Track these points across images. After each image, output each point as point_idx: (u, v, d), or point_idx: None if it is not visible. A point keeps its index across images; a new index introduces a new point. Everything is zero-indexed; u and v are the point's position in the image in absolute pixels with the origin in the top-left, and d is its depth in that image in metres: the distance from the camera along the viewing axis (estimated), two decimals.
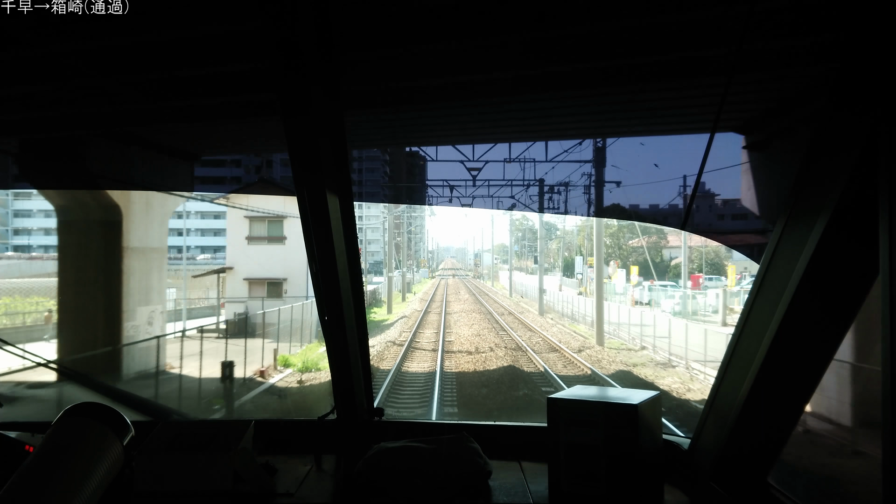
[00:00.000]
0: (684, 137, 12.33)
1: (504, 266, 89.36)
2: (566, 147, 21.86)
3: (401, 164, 25.45)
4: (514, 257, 72.92)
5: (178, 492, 2.08)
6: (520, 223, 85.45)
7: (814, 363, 1.76)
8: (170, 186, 13.58)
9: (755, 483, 2.01)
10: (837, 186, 1.47)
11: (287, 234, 27.67)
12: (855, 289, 1.59)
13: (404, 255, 56.45)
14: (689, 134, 9.46)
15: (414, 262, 79.16)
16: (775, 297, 1.72)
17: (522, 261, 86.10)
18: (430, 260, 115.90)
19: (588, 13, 4.26)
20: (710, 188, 28.11)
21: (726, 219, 28.11)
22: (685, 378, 17.38)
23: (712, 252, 49.49)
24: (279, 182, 29.56)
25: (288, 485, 2.17)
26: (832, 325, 1.68)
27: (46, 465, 1.62)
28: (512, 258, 69.83)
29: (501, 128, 11.29)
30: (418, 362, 20.22)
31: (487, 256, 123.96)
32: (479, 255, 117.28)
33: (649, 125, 9.62)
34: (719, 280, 39.74)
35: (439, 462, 2.26)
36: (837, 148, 1.46)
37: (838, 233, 1.51)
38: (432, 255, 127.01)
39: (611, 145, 21.79)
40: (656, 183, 47.14)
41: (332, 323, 2.43)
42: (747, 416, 1.93)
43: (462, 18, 4.07)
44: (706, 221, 27.21)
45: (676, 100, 6.95)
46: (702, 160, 2.03)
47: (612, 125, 10.79)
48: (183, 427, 2.31)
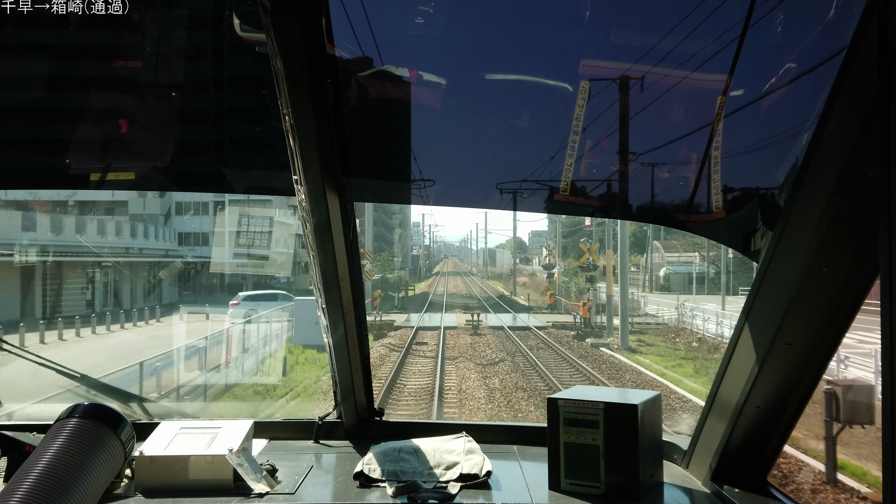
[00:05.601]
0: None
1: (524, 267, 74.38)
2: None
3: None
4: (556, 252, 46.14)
5: (178, 491, 2.08)
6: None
7: (813, 363, 1.76)
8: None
9: (755, 483, 2.01)
10: (837, 186, 1.47)
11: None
12: (855, 289, 1.59)
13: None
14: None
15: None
16: (775, 297, 1.72)
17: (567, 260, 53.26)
18: (422, 262, 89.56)
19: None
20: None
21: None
22: None
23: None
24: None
25: (288, 485, 2.17)
26: (832, 325, 1.67)
27: (47, 464, 1.62)
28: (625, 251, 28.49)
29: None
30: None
31: (502, 255, 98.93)
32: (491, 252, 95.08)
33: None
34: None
35: (439, 461, 2.26)
36: (837, 147, 1.46)
37: (839, 232, 1.51)
38: (428, 253, 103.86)
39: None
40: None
41: (332, 324, 2.44)
42: (747, 416, 1.93)
43: None
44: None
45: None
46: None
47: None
48: (183, 427, 2.32)
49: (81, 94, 2.47)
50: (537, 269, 63.61)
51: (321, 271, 2.31)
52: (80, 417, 1.83)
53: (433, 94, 2.29)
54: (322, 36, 1.90)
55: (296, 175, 2.10)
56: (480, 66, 2.26)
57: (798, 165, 1.61)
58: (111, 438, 1.87)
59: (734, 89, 1.93)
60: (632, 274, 52.51)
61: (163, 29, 2.37)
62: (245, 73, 2.46)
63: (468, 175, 2.56)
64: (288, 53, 1.80)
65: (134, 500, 2.06)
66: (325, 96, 1.98)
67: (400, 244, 75.63)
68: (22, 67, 2.41)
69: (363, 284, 2.63)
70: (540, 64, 2.22)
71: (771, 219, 1.83)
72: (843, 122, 1.43)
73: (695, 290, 43.84)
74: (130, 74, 2.42)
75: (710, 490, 2.10)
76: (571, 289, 41.03)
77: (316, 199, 2.13)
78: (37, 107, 2.49)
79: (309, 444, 2.66)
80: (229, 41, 2.28)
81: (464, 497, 2.07)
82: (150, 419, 2.73)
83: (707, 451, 2.13)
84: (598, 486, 2.04)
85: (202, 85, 2.54)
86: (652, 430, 2.13)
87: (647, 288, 42.75)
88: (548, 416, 2.13)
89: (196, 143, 2.63)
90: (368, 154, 2.46)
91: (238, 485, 2.13)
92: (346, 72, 2.16)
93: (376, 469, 2.21)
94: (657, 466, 2.18)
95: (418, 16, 2.13)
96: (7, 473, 2.14)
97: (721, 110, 1.98)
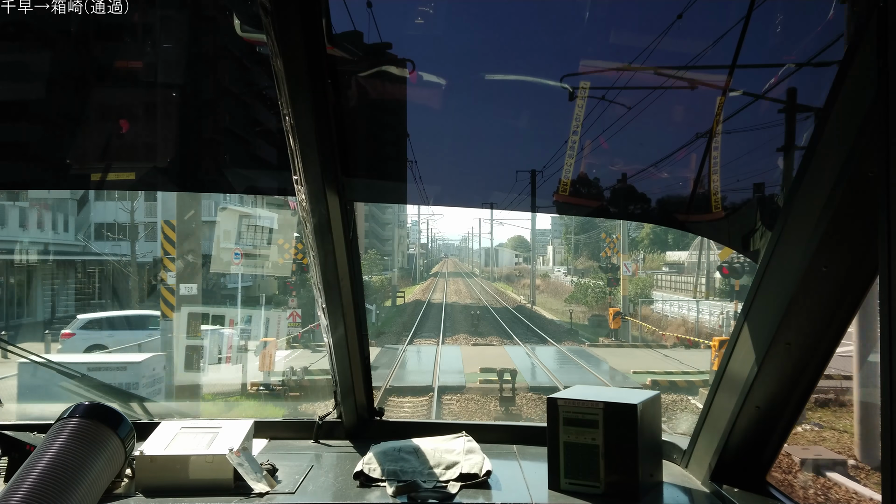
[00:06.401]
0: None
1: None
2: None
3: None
4: (567, 255, 42.31)
5: (179, 491, 2.08)
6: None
7: (813, 363, 1.76)
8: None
9: (754, 483, 2.01)
10: (837, 186, 1.47)
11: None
12: (854, 289, 1.59)
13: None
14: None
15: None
16: (774, 297, 1.72)
17: (579, 261, 53.15)
18: (416, 262, 79.92)
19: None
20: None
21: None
22: None
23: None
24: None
25: (288, 484, 2.17)
26: (831, 325, 1.68)
27: (47, 464, 1.63)
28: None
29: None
30: None
31: (504, 254, 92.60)
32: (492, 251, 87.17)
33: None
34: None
35: (438, 461, 2.26)
36: (836, 147, 1.46)
37: (838, 232, 1.51)
38: (425, 253, 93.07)
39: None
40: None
41: (332, 324, 2.44)
42: (746, 416, 1.93)
43: None
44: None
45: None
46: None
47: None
48: (183, 427, 2.32)
49: (81, 94, 2.48)
50: (541, 268, 53.76)
51: (321, 271, 2.31)
52: (80, 417, 1.83)
53: (433, 94, 2.29)
54: (322, 36, 1.90)
55: (296, 175, 2.10)
56: (480, 67, 2.27)
57: (798, 165, 1.61)
58: (112, 438, 1.87)
59: (734, 89, 1.93)
60: (663, 276, 42.03)
61: (163, 29, 2.37)
62: (245, 73, 2.46)
63: (468, 175, 2.56)
64: (288, 53, 1.80)
65: (134, 499, 2.06)
66: (325, 96, 1.99)
67: (393, 242, 66.26)
68: (22, 67, 2.42)
69: (363, 284, 2.63)
70: (540, 64, 2.22)
71: (770, 218, 1.83)
72: (842, 122, 1.43)
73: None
74: (130, 74, 2.42)
75: (709, 490, 2.10)
76: (588, 295, 32.86)
77: (316, 199, 2.13)
78: (37, 107, 2.49)
79: (309, 444, 2.66)
80: (229, 41, 2.28)
81: (464, 497, 2.07)
82: (150, 419, 2.74)
83: (706, 450, 2.13)
84: (597, 486, 2.04)
85: (202, 85, 2.55)
86: (651, 430, 2.13)
87: (702, 293, 31.12)
88: (547, 416, 2.13)
89: (196, 144, 2.63)
90: (368, 154, 2.46)
91: (238, 484, 2.13)
92: (346, 72, 2.16)
93: (376, 469, 2.22)
94: (656, 466, 2.18)
95: (418, 16, 2.14)
96: (7, 473, 2.14)
97: (721, 110, 1.98)
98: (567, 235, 43.74)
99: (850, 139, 1.41)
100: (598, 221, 36.34)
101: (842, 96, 1.41)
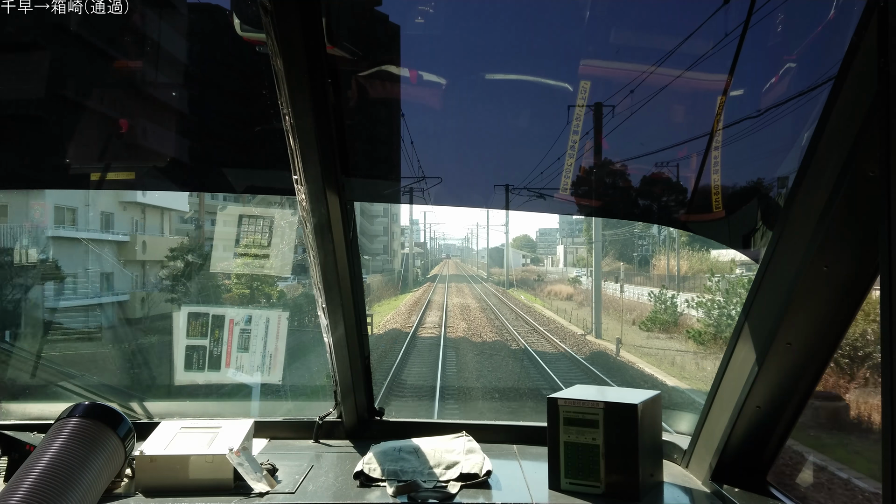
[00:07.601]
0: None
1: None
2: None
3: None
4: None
5: (179, 491, 2.08)
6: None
7: (813, 362, 1.76)
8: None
9: (755, 482, 2.01)
10: (837, 186, 1.47)
11: None
12: (855, 288, 1.59)
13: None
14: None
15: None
16: (775, 297, 1.72)
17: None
18: (411, 263, 57.45)
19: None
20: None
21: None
22: None
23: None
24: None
25: (288, 484, 2.17)
26: (832, 325, 1.67)
27: (47, 464, 1.63)
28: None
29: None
30: None
31: (511, 255, 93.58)
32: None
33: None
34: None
35: (439, 461, 2.26)
36: (837, 147, 1.46)
37: (838, 232, 1.51)
38: (424, 253, 78.43)
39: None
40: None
41: (332, 324, 2.44)
42: (747, 416, 1.93)
43: None
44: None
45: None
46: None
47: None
48: (183, 426, 2.32)
49: (81, 94, 2.48)
50: (556, 270, 41.92)
51: (321, 271, 2.31)
52: (80, 417, 1.83)
53: (433, 93, 2.29)
54: (322, 36, 1.90)
55: (296, 175, 2.10)
56: (481, 66, 2.27)
57: (798, 165, 1.61)
58: (111, 438, 1.87)
59: (734, 89, 1.93)
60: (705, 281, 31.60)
61: (163, 29, 2.37)
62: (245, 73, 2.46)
63: (469, 175, 2.56)
64: (288, 53, 1.80)
65: (134, 499, 2.06)
66: (325, 96, 1.98)
67: (388, 239, 53.83)
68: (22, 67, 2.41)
69: (363, 284, 2.63)
70: (540, 64, 2.22)
71: (771, 218, 1.83)
72: (843, 122, 1.43)
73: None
74: (130, 74, 2.42)
75: (709, 489, 2.10)
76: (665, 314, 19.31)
77: (316, 199, 2.13)
78: (37, 107, 2.49)
79: (309, 444, 2.66)
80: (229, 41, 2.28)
81: (464, 496, 2.07)
82: (150, 419, 2.74)
83: (707, 450, 2.13)
84: (597, 486, 2.04)
85: (202, 85, 2.55)
86: (652, 430, 2.13)
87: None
88: (548, 416, 2.13)
89: (196, 143, 2.63)
90: (368, 154, 2.46)
91: (238, 484, 2.13)
92: (347, 72, 2.16)
93: (376, 468, 2.22)
94: (657, 466, 2.18)
95: (418, 16, 2.14)
96: (7, 473, 2.14)
97: (721, 110, 1.98)
98: (588, 232, 36.07)
99: (851, 139, 1.41)
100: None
101: (842, 96, 1.41)
